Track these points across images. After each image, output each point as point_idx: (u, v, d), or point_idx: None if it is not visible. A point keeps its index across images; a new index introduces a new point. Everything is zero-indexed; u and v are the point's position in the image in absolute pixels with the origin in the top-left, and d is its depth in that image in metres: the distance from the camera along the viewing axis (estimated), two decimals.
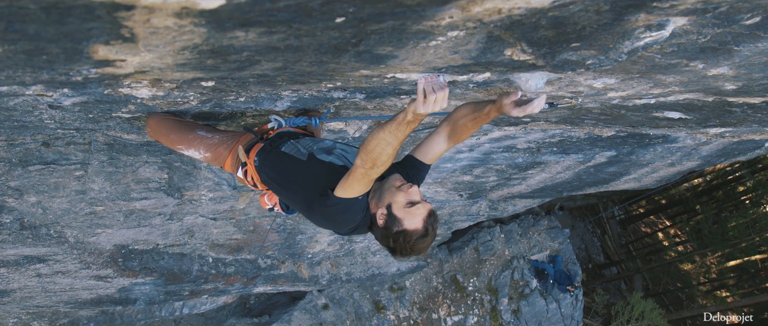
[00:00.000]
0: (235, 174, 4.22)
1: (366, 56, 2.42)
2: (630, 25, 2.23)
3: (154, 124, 4.19)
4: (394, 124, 2.84)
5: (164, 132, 4.18)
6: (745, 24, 2.28)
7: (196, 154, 4.19)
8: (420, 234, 3.26)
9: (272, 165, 3.86)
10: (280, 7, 1.64)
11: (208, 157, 4.21)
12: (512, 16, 2.04)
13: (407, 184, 3.40)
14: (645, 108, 4.96)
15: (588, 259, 26.14)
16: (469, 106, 3.23)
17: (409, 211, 3.28)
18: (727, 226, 24.94)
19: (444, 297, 17.55)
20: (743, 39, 2.49)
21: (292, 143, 3.96)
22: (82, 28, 1.63)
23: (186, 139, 4.14)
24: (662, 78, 3.44)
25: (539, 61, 2.70)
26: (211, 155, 4.20)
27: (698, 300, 28.50)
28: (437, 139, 3.55)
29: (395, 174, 3.53)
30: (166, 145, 4.28)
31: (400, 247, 3.32)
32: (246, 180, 4.14)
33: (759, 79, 3.29)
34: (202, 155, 4.20)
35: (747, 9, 2.12)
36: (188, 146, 4.16)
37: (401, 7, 1.79)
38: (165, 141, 4.25)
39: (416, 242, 3.28)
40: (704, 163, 12.43)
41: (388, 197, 3.38)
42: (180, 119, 4.24)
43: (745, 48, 2.61)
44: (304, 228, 10.47)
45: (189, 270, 9.35)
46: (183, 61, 2.17)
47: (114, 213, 6.65)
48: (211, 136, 4.19)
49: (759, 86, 3.53)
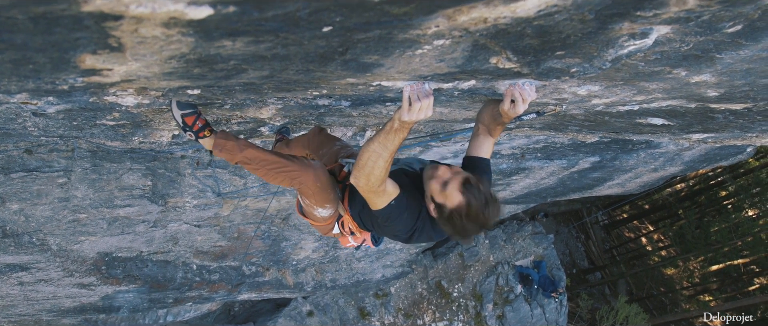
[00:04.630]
0: (331, 228, 4.15)
1: (352, 65, 2.42)
2: (614, 34, 2.25)
3: (324, 181, 3.89)
4: (382, 134, 2.85)
5: (327, 190, 3.93)
6: (727, 32, 2.30)
7: (328, 212, 4.03)
8: (466, 205, 3.15)
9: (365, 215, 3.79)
10: (268, 17, 1.64)
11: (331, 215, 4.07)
12: (498, 25, 2.05)
13: (431, 167, 3.37)
14: (628, 114, 4.99)
15: (572, 264, 26.22)
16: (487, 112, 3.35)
17: (445, 193, 3.20)
18: (709, 231, 25.09)
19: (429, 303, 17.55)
20: (725, 47, 2.51)
21: None
22: (70, 37, 1.62)
23: (335, 200, 3.99)
24: (646, 85, 3.47)
25: (524, 68, 2.72)
26: (333, 212, 4.07)
27: (681, 304, 28.65)
28: (481, 138, 3.61)
29: (426, 167, 3.47)
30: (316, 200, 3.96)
31: (463, 228, 3.24)
32: (342, 230, 4.11)
33: (740, 86, 3.31)
34: (329, 214, 4.05)
35: (729, 17, 2.14)
36: (332, 206, 4.00)
37: (388, 16, 1.80)
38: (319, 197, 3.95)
39: (471, 215, 3.17)
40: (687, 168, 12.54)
41: (428, 191, 3.35)
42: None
43: (727, 55, 2.63)
44: (289, 234, 10.46)
45: (173, 278, 9.31)
46: (170, 70, 2.16)
47: (97, 221, 6.62)
48: (339, 195, 4.05)
49: (741, 93, 3.56)
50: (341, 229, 4.09)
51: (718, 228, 24.81)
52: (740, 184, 24.50)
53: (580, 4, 1.91)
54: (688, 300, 29.32)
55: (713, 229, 25.07)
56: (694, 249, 25.24)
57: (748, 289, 27.82)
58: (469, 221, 3.19)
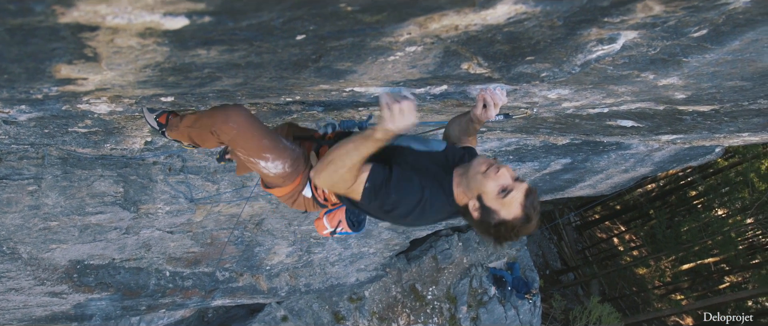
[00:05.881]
0: (301, 192, 3.71)
1: (325, 71, 2.44)
2: (582, 39, 2.28)
3: (243, 121, 3.42)
4: (359, 138, 2.73)
5: (256, 134, 3.45)
6: (692, 36, 2.35)
7: (278, 167, 3.55)
8: (522, 220, 2.91)
9: None
10: (243, 26, 1.66)
11: (288, 172, 3.58)
12: (469, 32, 2.08)
13: (494, 167, 2.97)
14: (598, 117, 5.05)
15: (545, 266, 26.35)
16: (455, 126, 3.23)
17: (504, 201, 2.90)
18: (680, 230, 25.33)
19: (403, 307, 17.55)
20: (691, 51, 2.55)
21: None
22: (46, 48, 1.63)
23: (278, 147, 3.52)
24: (615, 88, 3.51)
25: (495, 74, 2.75)
26: (291, 170, 3.58)
27: (654, 303, 28.89)
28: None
29: (478, 158, 3.09)
30: (247, 149, 3.51)
31: (504, 237, 3.00)
32: (311, 199, 3.74)
33: (707, 88, 3.37)
34: (283, 169, 3.57)
35: (694, 22, 2.19)
36: (278, 156, 3.52)
37: (361, 24, 1.82)
38: (251, 144, 3.48)
39: (520, 229, 2.94)
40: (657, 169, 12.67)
41: (476, 186, 3.00)
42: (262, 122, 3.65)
43: (694, 59, 2.68)
44: (262, 239, 10.43)
45: (146, 285, 9.24)
46: (145, 79, 2.16)
47: (69, 228, 6.56)
48: (294, 147, 3.62)
49: (707, 95, 3.62)
50: (314, 192, 3.67)
51: (689, 227, 25.07)
52: (710, 184, 24.81)
53: (548, 11, 1.94)
54: (659, 299, 29.58)
55: (684, 229, 25.33)
56: (665, 249, 25.48)
57: (719, 287, 28.16)
58: (516, 234, 2.99)
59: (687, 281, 29.15)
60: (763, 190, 21.62)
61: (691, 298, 28.31)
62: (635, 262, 29.10)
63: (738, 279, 27.86)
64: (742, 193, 23.12)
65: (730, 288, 27.38)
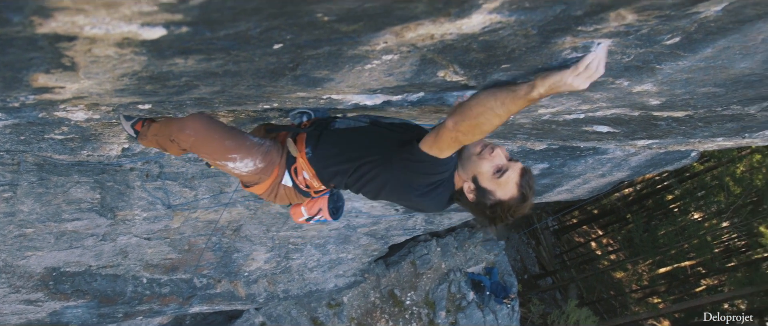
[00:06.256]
0: (281, 182, 3.63)
1: (303, 79, 2.45)
2: (557, 47, 2.31)
3: (199, 127, 3.43)
4: (510, 95, 2.49)
5: (216, 137, 3.43)
6: (666, 44, 2.38)
7: (248, 165, 3.51)
8: (518, 200, 2.93)
9: (331, 144, 3.43)
10: (220, 36, 1.67)
11: (260, 167, 3.54)
12: (444, 41, 2.10)
13: (489, 148, 3.02)
14: (575, 122, 5.08)
15: (523, 270, 26.40)
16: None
17: (499, 181, 2.93)
18: (657, 234, 25.46)
19: (382, 312, 17.54)
20: (665, 58, 2.59)
21: (340, 121, 3.58)
22: (23, 58, 1.63)
23: (244, 145, 3.47)
24: (590, 95, 3.55)
25: (471, 81, 2.76)
26: (265, 165, 3.53)
27: (631, 307, 29.06)
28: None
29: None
30: (210, 153, 3.52)
31: (500, 217, 3.00)
32: (292, 188, 3.65)
33: (681, 94, 3.41)
34: (254, 166, 3.52)
35: (667, 31, 2.22)
36: (245, 154, 3.47)
37: (337, 33, 1.83)
38: (213, 148, 3.48)
39: (516, 209, 2.96)
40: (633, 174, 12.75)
41: (471, 167, 3.04)
42: (224, 123, 3.62)
43: (667, 66, 2.71)
44: (240, 246, 10.39)
45: (123, 292, 9.18)
46: (122, 87, 2.17)
47: (44, 235, 6.51)
48: (263, 142, 3.57)
49: (681, 101, 3.66)
50: (294, 178, 3.59)
51: (666, 231, 25.20)
52: (686, 188, 24.99)
53: (523, 20, 1.96)
54: (637, 303, 29.78)
55: (660, 233, 25.47)
56: (642, 253, 25.62)
57: (695, 290, 28.37)
58: (512, 214, 3.00)
59: (664, 284, 29.33)
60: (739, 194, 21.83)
61: (668, 301, 28.52)
62: (613, 266, 29.25)
63: (714, 282, 28.08)
64: (717, 197, 23.30)
65: (706, 291, 27.58)
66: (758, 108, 3.91)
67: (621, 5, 1.91)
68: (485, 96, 2.54)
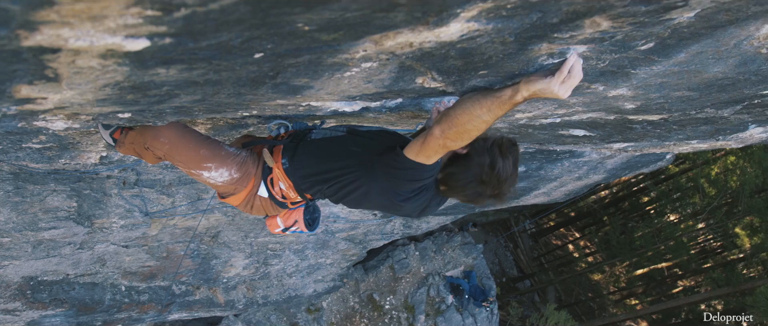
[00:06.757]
0: (257, 193, 3.63)
1: (283, 87, 2.46)
2: (534, 54, 2.34)
3: (174, 135, 3.47)
4: (496, 101, 2.51)
5: (191, 146, 3.47)
6: (640, 49, 2.42)
7: (223, 175, 3.53)
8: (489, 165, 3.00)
9: (309, 153, 3.43)
10: (202, 46, 1.68)
11: (236, 177, 3.55)
12: (423, 49, 2.12)
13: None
14: (551, 126, 5.13)
15: (502, 273, 26.47)
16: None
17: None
18: (633, 236, 25.60)
19: (361, 317, 17.53)
20: (639, 63, 2.63)
21: (317, 131, 3.58)
22: (7, 70, 1.63)
23: (219, 155, 3.49)
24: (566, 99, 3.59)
25: (449, 87, 2.79)
26: (240, 175, 3.54)
27: (609, 308, 29.22)
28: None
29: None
30: (185, 162, 3.53)
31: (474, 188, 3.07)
32: (268, 200, 3.64)
33: (656, 98, 3.46)
34: (230, 176, 3.54)
35: (641, 36, 2.26)
36: (220, 164, 3.49)
37: (317, 42, 1.85)
38: (188, 157, 3.51)
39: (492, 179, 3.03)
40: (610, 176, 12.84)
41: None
42: (200, 132, 3.64)
43: (642, 71, 2.76)
44: (219, 252, 10.36)
45: (101, 300, 9.12)
46: (104, 97, 2.17)
47: (21, 244, 6.46)
48: (239, 152, 3.59)
49: (656, 105, 3.71)
50: (270, 189, 3.59)
51: (642, 233, 25.36)
52: (662, 190, 25.14)
53: (500, 28, 1.99)
54: (615, 305, 29.95)
55: (637, 234, 25.63)
56: (619, 255, 25.74)
57: (672, 291, 28.59)
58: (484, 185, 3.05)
59: (641, 286, 29.52)
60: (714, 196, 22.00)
61: (645, 303, 28.72)
62: (590, 268, 29.37)
63: (691, 283, 28.30)
64: (693, 199, 23.48)
65: (683, 291, 27.80)
66: (731, 111, 3.97)
67: (596, 12, 1.95)
68: (470, 104, 2.57)
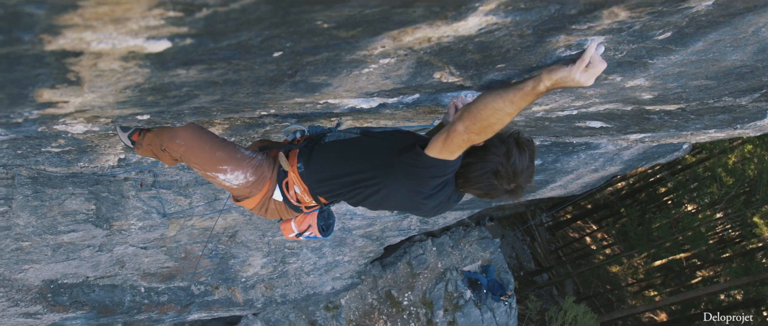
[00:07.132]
0: (271, 197, 3.63)
1: (301, 85, 2.46)
2: (551, 46, 2.33)
3: (190, 137, 3.49)
4: (518, 93, 2.48)
5: (207, 148, 3.49)
6: (657, 39, 2.41)
7: (238, 177, 3.53)
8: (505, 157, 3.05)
9: (324, 157, 3.44)
10: (223, 46, 1.69)
11: (251, 181, 3.55)
12: (441, 44, 2.12)
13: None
14: (568, 119, 5.11)
15: (519, 267, 26.40)
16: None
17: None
18: (651, 227, 25.45)
19: (380, 313, 17.53)
20: (657, 53, 2.62)
21: (331, 135, 3.59)
22: (30, 74, 1.64)
23: (235, 157, 3.51)
24: (583, 91, 3.58)
25: (467, 82, 2.79)
26: (256, 179, 3.54)
27: (628, 300, 29.09)
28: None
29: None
30: (201, 164, 3.55)
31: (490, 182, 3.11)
32: (283, 203, 3.64)
33: (673, 88, 3.44)
34: (245, 179, 3.54)
35: (659, 26, 2.25)
36: (236, 167, 3.50)
37: (336, 39, 1.86)
38: (203, 159, 3.52)
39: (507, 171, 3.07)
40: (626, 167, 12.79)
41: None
42: (216, 135, 3.64)
43: (659, 61, 2.74)
44: (236, 252, 10.39)
45: (121, 302, 9.17)
46: (124, 99, 2.18)
47: (41, 248, 6.50)
48: (255, 155, 3.59)
49: (674, 94, 3.69)
50: (285, 193, 3.59)
51: (660, 224, 25.21)
52: (679, 181, 25.03)
53: (518, 21, 1.98)
54: (633, 296, 29.80)
55: (655, 225, 25.48)
56: (637, 246, 25.61)
57: (691, 282, 28.44)
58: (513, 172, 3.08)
59: (660, 277, 29.36)
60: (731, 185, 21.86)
61: (664, 294, 28.57)
62: (608, 260, 29.24)
63: (710, 273, 28.13)
64: (710, 188, 23.33)
65: (702, 282, 27.64)
66: (749, 99, 3.94)
67: (614, 3, 1.94)
68: (492, 98, 2.55)
